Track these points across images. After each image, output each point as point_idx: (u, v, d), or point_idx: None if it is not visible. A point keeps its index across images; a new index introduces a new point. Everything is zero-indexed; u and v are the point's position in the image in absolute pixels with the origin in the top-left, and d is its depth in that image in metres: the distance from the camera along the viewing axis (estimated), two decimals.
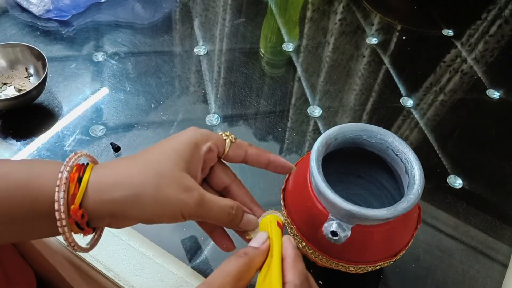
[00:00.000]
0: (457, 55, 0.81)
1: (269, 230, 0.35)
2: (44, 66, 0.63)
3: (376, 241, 0.41)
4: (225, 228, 0.40)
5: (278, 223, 0.36)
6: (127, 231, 0.52)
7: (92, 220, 0.32)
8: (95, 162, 0.35)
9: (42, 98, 0.65)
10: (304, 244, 0.44)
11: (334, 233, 0.39)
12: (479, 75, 0.78)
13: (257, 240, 0.34)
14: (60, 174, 0.31)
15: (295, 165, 0.48)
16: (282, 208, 0.46)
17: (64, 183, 0.30)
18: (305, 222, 0.43)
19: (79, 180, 0.31)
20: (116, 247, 0.50)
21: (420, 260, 0.53)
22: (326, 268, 0.45)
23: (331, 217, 0.40)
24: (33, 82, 0.66)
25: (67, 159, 0.32)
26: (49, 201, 0.30)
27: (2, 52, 0.65)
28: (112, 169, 0.33)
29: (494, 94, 0.74)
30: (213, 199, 0.34)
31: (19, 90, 0.65)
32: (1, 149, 0.59)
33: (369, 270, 0.44)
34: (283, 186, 0.47)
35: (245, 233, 0.38)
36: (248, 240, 0.38)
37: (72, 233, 0.32)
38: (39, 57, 0.65)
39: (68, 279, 0.55)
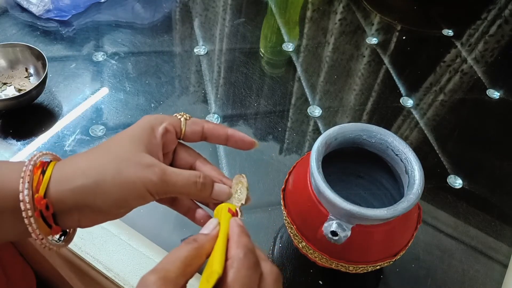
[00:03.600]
0: (457, 55, 0.81)
1: (219, 216, 0.35)
2: (44, 66, 0.63)
3: (376, 241, 0.41)
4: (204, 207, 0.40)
5: (229, 209, 0.36)
6: (127, 231, 0.52)
7: (59, 216, 0.32)
8: (58, 160, 0.35)
9: (42, 98, 0.65)
10: (304, 244, 0.44)
11: (334, 233, 0.39)
12: (479, 75, 0.78)
13: (207, 227, 0.33)
14: (24, 167, 0.31)
15: (295, 165, 0.48)
16: (282, 208, 0.46)
17: (28, 175, 0.31)
18: (305, 222, 0.43)
19: (43, 172, 0.32)
20: (116, 247, 0.50)
21: (420, 260, 0.53)
22: (326, 268, 0.45)
23: (331, 217, 0.40)
24: (33, 82, 0.66)
25: (31, 157, 0.33)
26: (14, 194, 0.31)
27: (2, 52, 0.65)
28: (73, 161, 0.33)
29: (494, 94, 0.74)
30: (176, 171, 0.34)
31: (19, 90, 0.65)
32: (1, 149, 0.59)
33: (369, 270, 0.44)
34: (283, 186, 0.47)
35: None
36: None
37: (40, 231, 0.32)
38: (39, 57, 0.65)
39: (68, 279, 0.55)
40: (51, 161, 0.34)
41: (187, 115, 0.39)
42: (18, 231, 0.32)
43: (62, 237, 0.35)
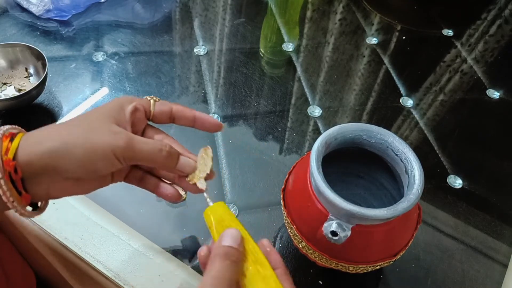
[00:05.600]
0: (457, 55, 0.81)
1: (228, 223, 0.37)
2: (44, 66, 0.63)
3: (376, 241, 0.41)
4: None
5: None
6: (127, 231, 0.52)
7: (28, 182, 0.33)
8: None
9: (42, 98, 0.65)
10: (304, 244, 0.44)
11: (334, 233, 0.39)
12: (479, 75, 0.78)
13: (234, 240, 0.34)
14: None
15: (295, 165, 0.48)
16: (282, 208, 0.46)
17: None
18: (305, 222, 0.43)
19: (11, 140, 0.33)
20: (116, 247, 0.50)
21: (420, 260, 0.53)
22: (326, 268, 0.45)
23: (331, 217, 0.40)
24: (33, 82, 0.66)
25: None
26: None
27: (2, 52, 0.65)
28: (42, 129, 0.35)
29: (494, 94, 0.74)
30: (143, 139, 0.36)
31: (19, 90, 0.65)
32: None
33: (369, 270, 0.44)
34: (283, 186, 0.47)
35: (186, 178, 0.39)
36: (192, 186, 0.39)
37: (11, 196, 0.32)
38: (39, 57, 0.65)
39: (68, 279, 0.55)
40: (19, 132, 0.35)
41: (156, 97, 0.41)
42: None
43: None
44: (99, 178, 0.38)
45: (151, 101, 0.40)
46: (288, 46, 0.79)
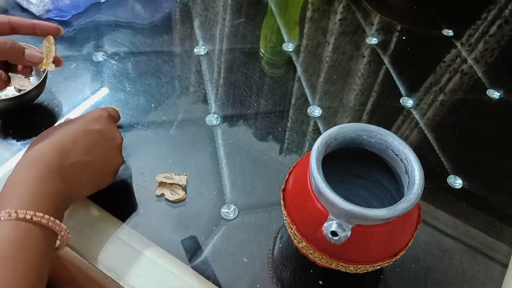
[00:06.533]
0: (457, 55, 0.81)
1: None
2: None
3: (376, 241, 0.41)
4: None
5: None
6: (127, 231, 0.52)
7: None
8: None
9: (42, 98, 0.65)
10: (304, 244, 0.44)
11: (334, 233, 0.39)
12: (479, 75, 0.78)
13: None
14: None
15: (295, 165, 0.48)
16: (282, 208, 0.46)
17: None
18: (305, 222, 0.43)
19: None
20: (116, 247, 0.50)
21: (420, 260, 0.53)
22: (326, 268, 0.45)
23: (331, 217, 0.40)
24: (33, 82, 0.66)
25: None
26: None
27: None
28: None
29: (494, 94, 0.74)
30: None
31: (19, 90, 0.65)
32: (1, 149, 0.59)
33: (369, 270, 0.44)
34: (283, 186, 0.47)
35: (38, 66, 0.51)
36: (42, 69, 0.53)
37: None
38: None
39: (68, 279, 0.55)
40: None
41: None
42: None
43: None
44: None
45: None
46: (288, 46, 0.79)
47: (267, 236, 0.53)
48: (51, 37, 0.50)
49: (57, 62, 0.54)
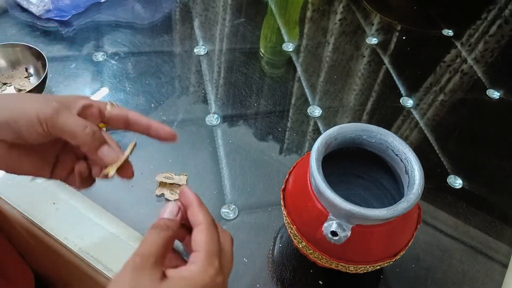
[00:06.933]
0: (457, 55, 0.81)
1: None
2: (44, 66, 0.63)
3: (376, 241, 0.41)
4: None
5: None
6: (127, 231, 0.52)
7: None
8: None
9: None
10: (304, 244, 0.44)
11: (334, 233, 0.39)
12: (479, 75, 0.78)
13: (171, 212, 0.38)
14: None
15: (295, 165, 0.48)
16: (282, 208, 0.46)
17: None
18: (305, 222, 0.43)
19: None
20: (116, 247, 0.50)
21: (420, 260, 0.53)
22: (326, 268, 0.45)
23: (331, 217, 0.40)
24: (33, 82, 0.66)
25: None
26: None
27: (2, 52, 0.65)
28: None
29: (494, 94, 0.74)
30: (73, 115, 0.36)
31: (19, 90, 0.65)
32: None
33: (369, 270, 0.44)
34: (283, 186, 0.47)
35: (104, 166, 0.38)
36: (104, 176, 0.38)
37: None
38: (39, 57, 0.65)
39: (68, 279, 0.55)
40: None
41: (115, 103, 0.41)
42: None
43: None
44: (35, 156, 0.38)
45: (108, 103, 0.40)
46: (288, 46, 0.79)
47: (267, 236, 0.53)
48: (136, 143, 0.40)
49: (127, 172, 0.40)
